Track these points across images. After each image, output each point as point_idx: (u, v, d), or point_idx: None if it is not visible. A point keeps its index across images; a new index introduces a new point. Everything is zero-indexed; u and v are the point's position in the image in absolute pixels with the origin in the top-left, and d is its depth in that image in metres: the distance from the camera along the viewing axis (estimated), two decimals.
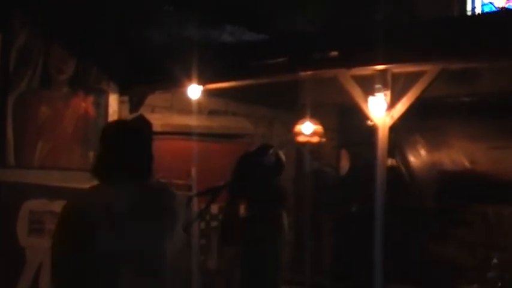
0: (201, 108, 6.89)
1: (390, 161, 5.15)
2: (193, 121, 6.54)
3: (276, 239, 4.30)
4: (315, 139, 7.19)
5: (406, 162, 7.33)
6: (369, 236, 4.95)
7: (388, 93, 5.06)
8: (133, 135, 3.16)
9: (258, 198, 4.30)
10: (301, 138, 7.19)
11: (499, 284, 5.79)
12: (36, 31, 5.68)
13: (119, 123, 4.21)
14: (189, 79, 5.81)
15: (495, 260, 5.93)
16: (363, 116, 5.30)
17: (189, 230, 4.15)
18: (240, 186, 4.23)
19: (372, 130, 5.19)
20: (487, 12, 7.43)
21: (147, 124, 6.36)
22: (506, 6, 7.69)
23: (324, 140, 7.30)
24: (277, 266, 4.34)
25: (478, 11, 7.70)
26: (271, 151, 4.23)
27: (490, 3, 7.74)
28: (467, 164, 6.92)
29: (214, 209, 6.35)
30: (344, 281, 6.83)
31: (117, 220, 2.90)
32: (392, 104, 5.07)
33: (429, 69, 4.93)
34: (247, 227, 4.27)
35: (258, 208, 4.31)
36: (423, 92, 5.03)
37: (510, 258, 6.05)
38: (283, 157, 4.35)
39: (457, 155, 7.00)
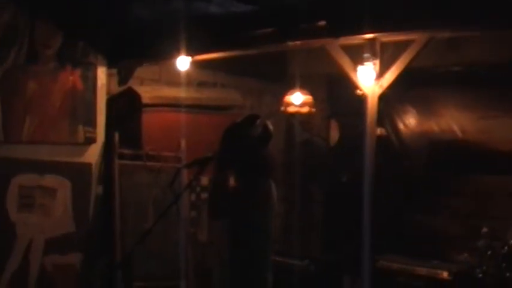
0: (190, 80, 6.86)
1: (379, 131, 5.13)
2: (182, 93, 6.52)
3: (264, 210, 4.31)
4: (305, 109, 7.16)
5: (396, 132, 7.32)
6: (358, 206, 4.96)
7: (377, 62, 5.04)
8: None
9: (246, 168, 4.30)
10: (290, 109, 7.17)
11: (489, 253, 5.81)
12: (21, 6, 5.62)
13: None
14: (177, 51, 5.77)
15: (485, 229, 5.96)
16: (352, 86, 5.29)
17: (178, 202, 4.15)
18: (227, 158, 4.24)
19: (361, 100, 5.18)
20: None
21: (136, 96, 6.37)
22: None
23: (313, 110, 7.28)
24: (266, 236, 4.36)
25: None
26: (257, 121, 4.22)
27: None
28: (457, 133, 6.91)
29: (205, 181, 6.36)
30: (334, 251, 6.86)
31: None
32: (381, 73, 5.05)
33: (417, 38, 4.92)
34: (235, 198, 4.28)
35: (246, 179, 4.31)
36: (412, 60, 5.01)
37: (499, 227, 6.07)
38: (270, 127, 4.35)
39: (448, 124, 6.98)
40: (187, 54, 5.81)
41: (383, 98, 5.14)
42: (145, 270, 6.09)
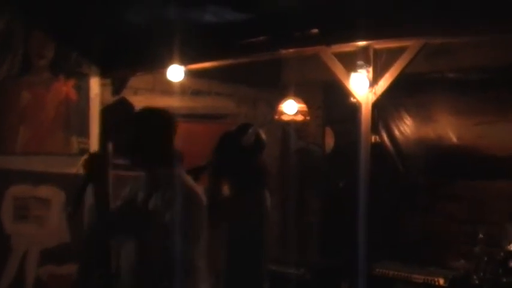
0: (184, 89, 6.85)
1: (374, 138, 5.12)
2: (176, 102, 6.51)
3: (258, 218, 4.29)
4: (299, 117, 7.17)
5: (392, 138, 7.31)
6: (355, 213, 4.94)
7: (371, 69, 5.03)
8: None
9: (239, 177, 4.30)
10: (285, 117, 7.17)
11: (485, 259, 5.80)
12: (15, 16, 5.61)
13: None
14: (171, 60, 5.77)
15: (481, 235, 5.94)
16: (346, 93, 5.28)
17: None
18: (221, 166, 4.23)
19: (356, 107, 5.17)
20: None
21: (130, 106, 6.35)
22: None
23: (308, 118, 7.28)
24: (261, 245, 4.34)
25: None
26: (250, 130, 4.22)
27: None
28: (453, 139, 6.90)
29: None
30: (331, 258, 6.84)
31: None
32: (374, 81, 5.04)
33: (411, 45, 4.90)
34: (229, 206, 4.26)
35: (239, 188, 4.31)
36: (406, 67, 4.99)
37: (496, 232, 6.05)
38: (263, 136, 4.34)
39: (444, 130, 6.97)
40: (182, 63, 5.81)
41: (377, 105, 5.13)
42: None
